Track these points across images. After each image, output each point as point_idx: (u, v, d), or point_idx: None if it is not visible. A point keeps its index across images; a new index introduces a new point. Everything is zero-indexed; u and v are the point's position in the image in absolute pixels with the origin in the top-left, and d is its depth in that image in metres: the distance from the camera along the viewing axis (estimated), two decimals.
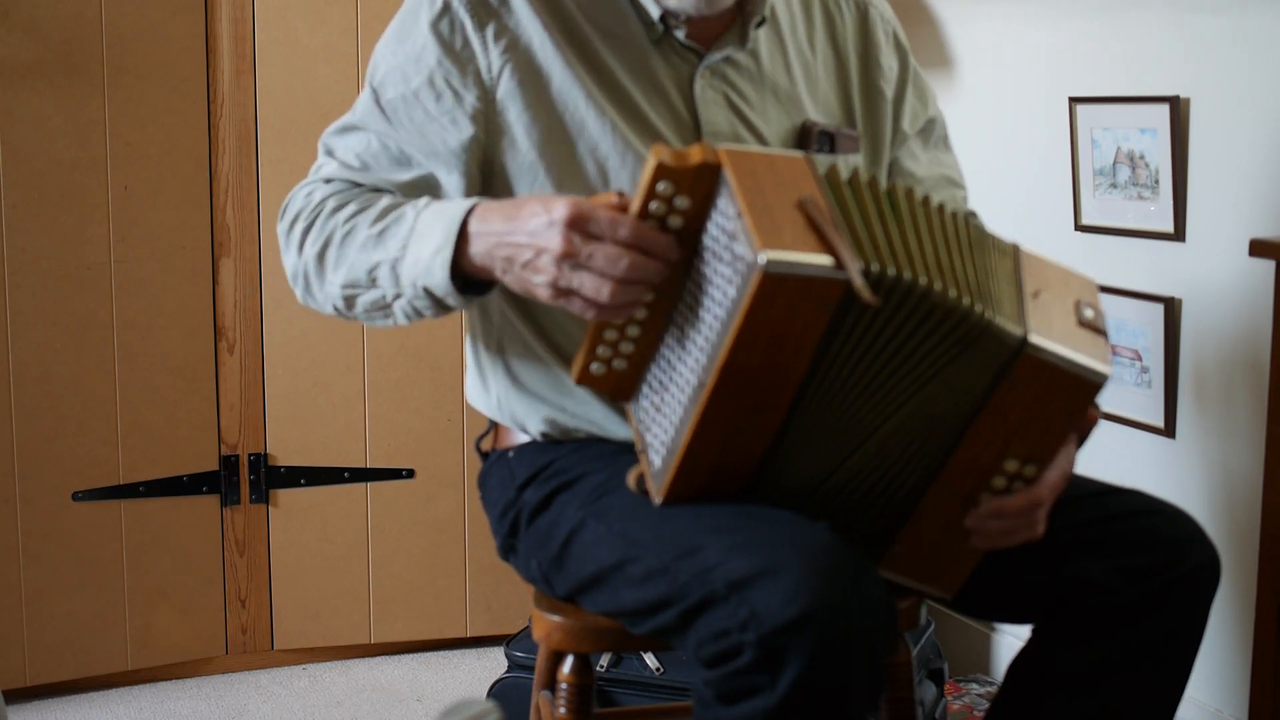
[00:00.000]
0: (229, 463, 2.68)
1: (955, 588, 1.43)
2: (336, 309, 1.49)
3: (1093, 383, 1.28)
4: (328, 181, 1.51)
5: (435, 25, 1.48)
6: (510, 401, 1.59)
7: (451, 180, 1.49)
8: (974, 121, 2.49)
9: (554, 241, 1.28)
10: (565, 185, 1.48)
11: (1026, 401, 1.29)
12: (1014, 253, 1.35)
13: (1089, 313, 1.31)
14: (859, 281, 1.18)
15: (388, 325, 1.48)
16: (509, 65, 1.47)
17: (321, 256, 1.46)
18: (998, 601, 1.49)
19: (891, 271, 1.22)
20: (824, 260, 1.18)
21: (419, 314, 1.43)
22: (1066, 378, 1.27)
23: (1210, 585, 1.45)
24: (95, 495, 2.58)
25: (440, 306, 1.41)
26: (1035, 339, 1.26)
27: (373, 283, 1.43)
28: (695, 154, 1.23)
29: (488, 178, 1.51)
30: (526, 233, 1.30)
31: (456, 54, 1.48)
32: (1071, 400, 1.29)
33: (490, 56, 1.47)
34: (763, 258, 1.16)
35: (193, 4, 2.56)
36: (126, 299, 2.57)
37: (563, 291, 1.29)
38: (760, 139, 1.53)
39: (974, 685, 2.48)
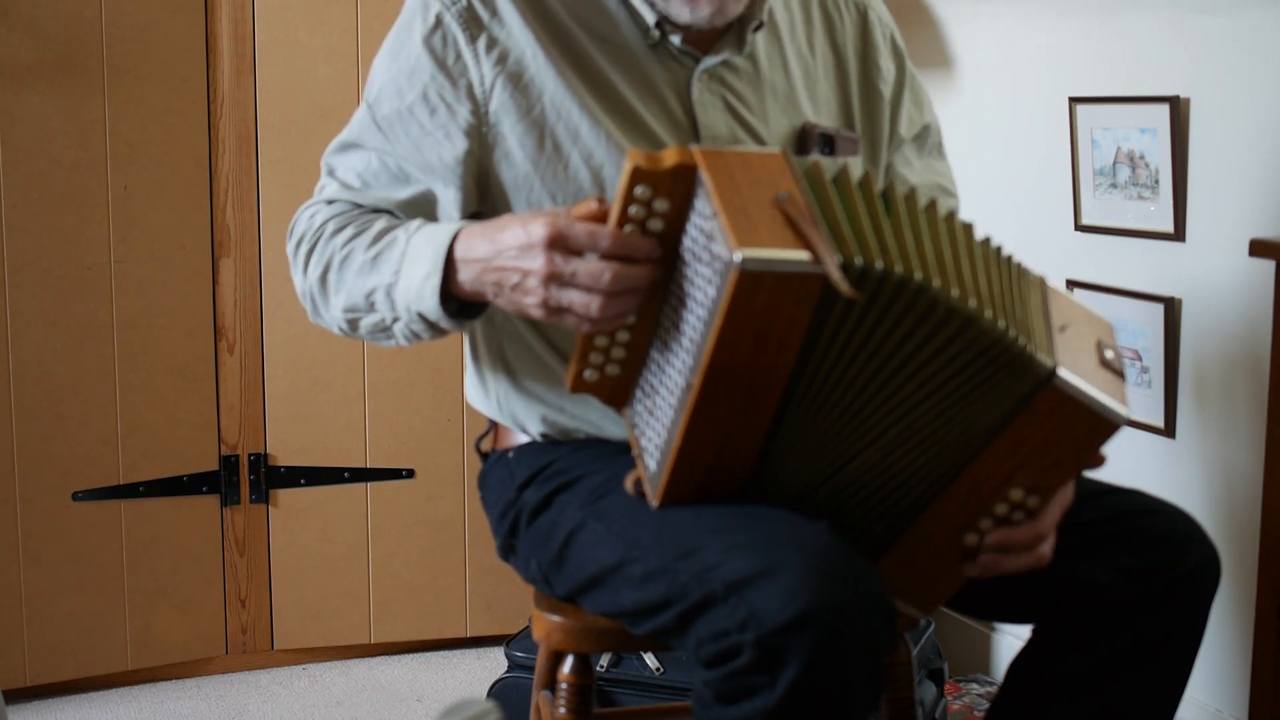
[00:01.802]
0: (229, 463, 2.68)
1: (933, 609, 1.42)
2: (342, 330, 1.51)
3: (1112, 423, 1.27)
4: (330, 203, 1.52)
5: (428, 40, 1.48)
6: (509, 402, 1.59)
7: (449, 195, 1.49)
8: (974, 121, 2.49)
9: (536, 263, 1.28)
10: (561, 196, 1.48)
11: (1044, 433, 1.28)
12: (1041, 285, 1.35)
13: (1110, 354, 1.31)
14: (835, 275, 1.17)
15: (392, 345, 1.49)
16: (501, 77, 1.47)
17: (324, 280, 1.48)
18: (998, 601, 1.49)
19: (879, 265, 1.21)
20: (801, 256, 1.18)
21: (417, 336, 1.45)
22: (1088, 415, 1.26)
23: (1210, 585, 1.45)
24: (95, 495, 2.58)
25: (435, 330, 1.43)
26: (1064, 372, 1.25)
27: (371, 307, 1.45)
28: (670, 156, 1.23)
29: (484, 191, 1.51)
30: (509, 256, 1.31)
31: (449, 68, 1.48)
32: (1088, 438, 1.29)
33: (483, 69, 1.47)
34: (738, 256, 1.16)
35: (193, 4, 2.56)
36: (126, 299, 2.57)
37: (554, 310, 1.30)
38: (760, 142, 1.53)
39: (974, 685, 2.48)
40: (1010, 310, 1.27)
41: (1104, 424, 1.27)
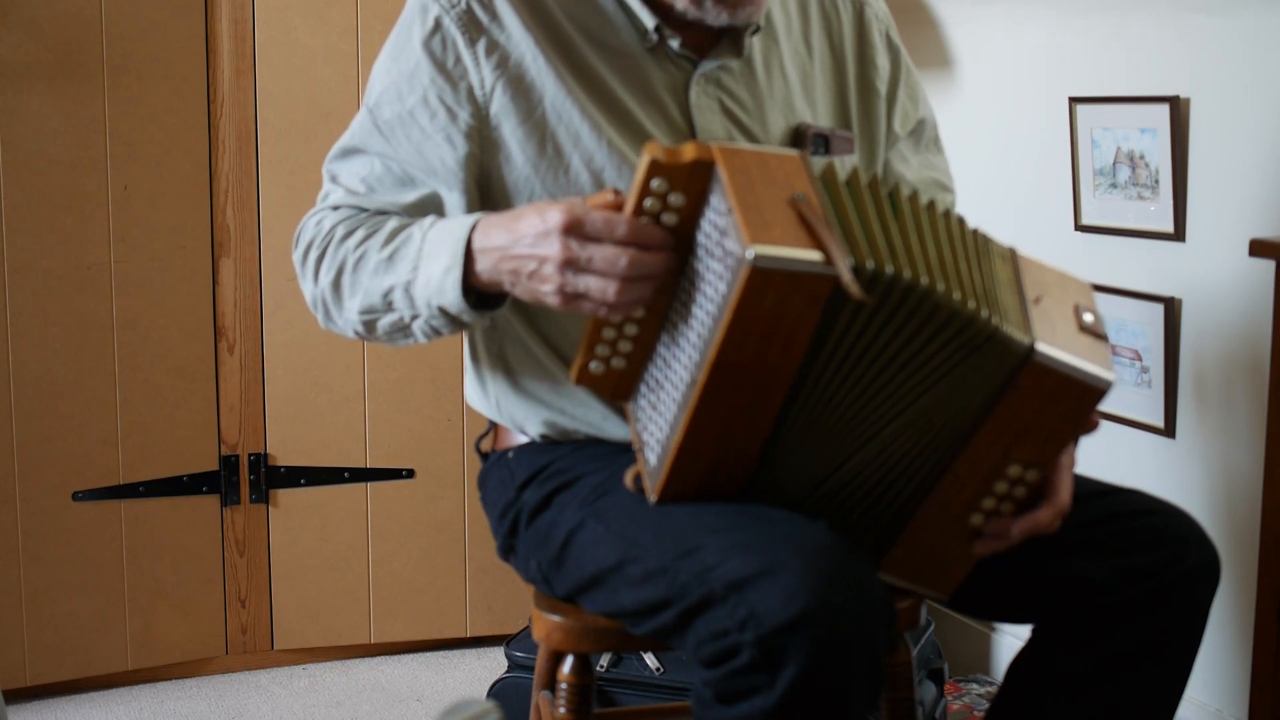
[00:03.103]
0: (229, 463, 2.68)
1: (952, 589, 1.43)
2: (358, 333, 1.50)
3: (1098, 389, 1.28)
4: (335, 209, 1.52)
5: (427, 43, 1.48)
6: (509, 403, 1.59)
7: (453, 198, 1.49)
8: (974, 121, 2.49)
9: (553, 250, 1.29)
10: (561, 198, 1.48)
11: (1032, 409, 1.29)
12: (1012, 257, 1.35)
13: (1089, 317, 1.32)
14: (847, 277, 1.17)
15: (409, 345, 1.49)
16: (501, 80, 1.47)
17: (336, 284, 1.48)
18: (998, 601, 1.50)
19: (889, 269, 1.22)
20: (813, 256, 1.18)
21: (437, 333, 1.45)
22: (1073, 385, 1.27)
23: (1210, 585, 1.45)
24: (95, 495, 2.58)
25: (457, 324, 1.42)
26: (1042, 347, 1.26)
27: (389, 306, 1.44)
28: (689, 151, 1.24)
29: (485, 193, 1.51)
30: (526, 244, 1.31)
31: (449, 72, 1.48)
32: (1076, 407, 1.29)
33: (483, 72, 1.48)
34: (750, 252, 1.16)
35: (193, 4, 2.56)
36: (126, 299, 2.57)
37: (570, 297, 1.30)
38: (757, 144, 1.53)
39: (974, 685, 2.48)
40: (992, 298, 1.27)
41: (1089, 391, 1.28)
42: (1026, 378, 1.27)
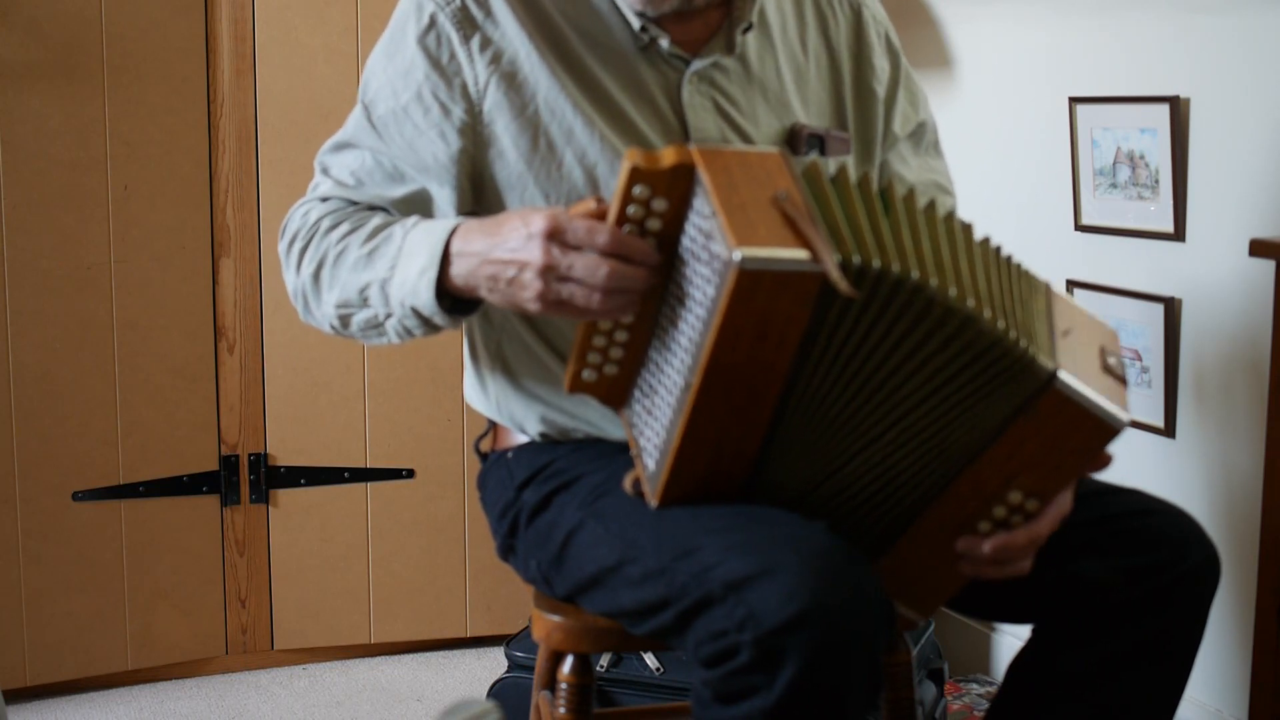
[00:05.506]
0: (229, 463, 2.68)
1: (930, 612, 1.42)
2: (333, 327, 1.50)
3: (1112, 428, 1.27)
4: (324, 200, 1.52)
5: (422, 40, 1.49)
6: (508, 402, 1.59)
7: (444, 194, 1.49)
8: (974, 121, 2.49)
9: (534, 255, 1.28)
10: (554, 195, 1.48)
11: (1044, 436, 1.28)
12: (1046, 290, 1.35)
13: (1112, 360, 1.31)
14: (834, 273, 1.17)
15: (382, 344, 1.49)
16: (495, 77, 1.48)
17: (317, 276, 1.48)
18: (998, 601, 1.49)
19: (876, 263, 1.21)
20: (800, 254, 1.18)
21: (409, 333, 1.45)
22: (1088, 419, 1.26)
23: (1210, 585, 1.45)
24: (95, 495, 2.58)
25: (429, 326, 1.42)
26: (1064, 375, 1.25)
27: (364, 302, 1.44)
28: (669, 155, 1.24)
29: (478, 190, 1.51)
30: (507, 249, 1.31)
31: (443, 68, 1.48)
32: (1088, 442, 1.28)
33: (476, 69, 1.48)
34: (737, 254, 1.16)
35: (193, 4, 2.56)
36: (126, 299, 2.57)
37: (552, 304, 1.30)
38: (750, 143, 1.53)
39: (974, 685, 2.48)
40: (1011, 312, 1.26)
41: (1104, 428, 1.27)
42: (1044, 404, 1.26)
